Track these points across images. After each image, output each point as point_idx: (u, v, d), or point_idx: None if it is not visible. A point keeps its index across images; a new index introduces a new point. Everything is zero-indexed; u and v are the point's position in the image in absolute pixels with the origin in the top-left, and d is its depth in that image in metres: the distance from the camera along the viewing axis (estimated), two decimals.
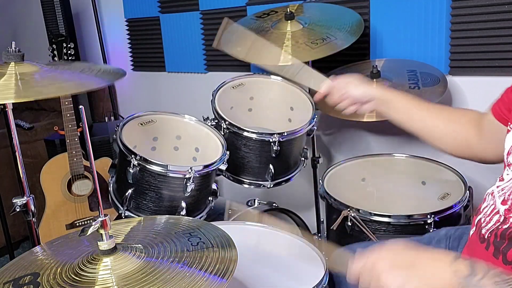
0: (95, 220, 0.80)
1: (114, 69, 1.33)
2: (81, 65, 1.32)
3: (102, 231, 0.80)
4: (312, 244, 1.28)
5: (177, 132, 1.71)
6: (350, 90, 1.25)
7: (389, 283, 0.75)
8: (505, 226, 0.85)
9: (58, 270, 0.80)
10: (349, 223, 1.47)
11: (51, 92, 1.11)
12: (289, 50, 1.72)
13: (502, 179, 0.92)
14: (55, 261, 0.84)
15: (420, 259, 0.77)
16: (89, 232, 0.79)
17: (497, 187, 0.92)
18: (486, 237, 0.89)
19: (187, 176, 1.44)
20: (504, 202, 0.87)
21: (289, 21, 1.82)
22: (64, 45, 2.24)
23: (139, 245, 0.85)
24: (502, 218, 0.86)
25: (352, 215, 1.45)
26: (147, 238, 0.89)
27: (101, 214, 0.81)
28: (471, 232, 0.96)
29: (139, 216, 1.53)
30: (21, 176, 1.36)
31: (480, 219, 0.92)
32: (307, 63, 1.92)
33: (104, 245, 0.81)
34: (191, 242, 0.86)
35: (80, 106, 0.80)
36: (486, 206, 0.92)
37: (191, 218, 1.07)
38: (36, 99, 1.06)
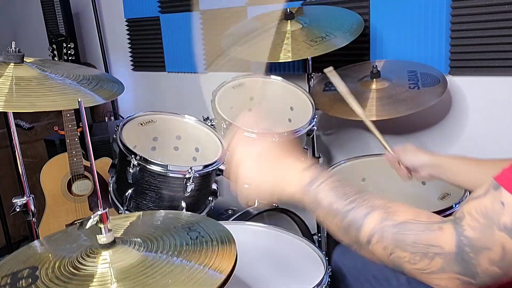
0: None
1: (112, 82, 1.30)
2: (81, 72, 1.29)
3: (101, 225, 0.80)
4: (312, 244, 1.28)
5: (177, 132, 1.71)
6: (402, 159, 1.30)
7: (244, 176, 0.84)
8: None
9: (57, 264, 0.80)
10: None
11: (44, 105, 1.08)
12: (289, 49, 1.73)
13: None
14: (54, 255, 0.84)
15: (280, 164, 0.83)
16: (88, 226, 0.79)
17: None
18: None
19: (187, 176, 1.44)
20: None
21: (289, 20, 1.83)
22: (64, 45, 2.25)
23: (138, 239, 0.85)
24: None
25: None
26: (146, 233, 0.89)
27: (100, 208, 0.81)
28: None
29: None
30: (21, 176, 1.37)
31: None
32: (307, 63, 1.94)
33: (103, 238, 0.80)
34: (190, 236, 0.86)
35: (79, 99, 0.80)
36: None
37: (190, 213, 1.07)
38: (27, 112, 1.04)
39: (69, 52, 2.26)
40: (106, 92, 1.24)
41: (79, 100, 0.77)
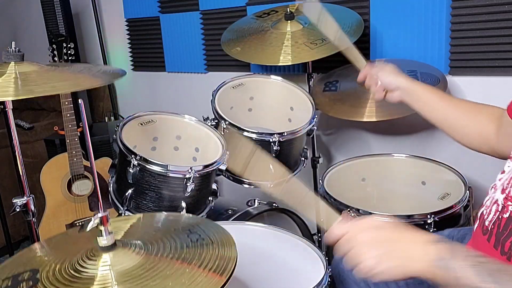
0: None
1: (113, 69, 1.32)
2: (82, 66, 1.32)
3: (101, 227, 0.80)
4: (312, 244, 1.28)
5: (177, 132, 1.71)
6: (380, 77, 1.31)
7: (366, 258, 0.77)
8: (505, 215, 0.86)
9: (57, 266, 0.80)
10: None
11: (48, 90, 1.11)
12: (289, 51, 1.73)
13: (503, 172, 0.94)
14: (54, 258, 0.84)
15: (401, 240, 0.78)
16: (88, 228, 0.79)
17: (499, 180, 0.94)
18: (489, 228, 0.90)
19: (187, 176, 1.44)
20: (503, 191, 0.89)
21: (289, 21, 1.83)
22: (64, 45, 2.25)
23: (139, 242, 0.85)
24: (500, 207, 0.88)
25: (352, 215, 1.45)
26: (146, 235, 0.89)
27: (101, 210, 0.81)
28: (475, 226, 0.98)
29: None
30: (21, 176, 1.37)
31: (483, 212, 0.94)
32: (307, 63, 1.94)
33: (103, 241, 0.80)
34: (190, 239, 0.86)
35: (80, 101, 0.80)
36: (488, 199, 0.94)
37: (190, 215, 1.07)
38: (35, 96, 1.07)
39: (69, 52, 2.26)
40: (107, 75, 1.26)
41: (80, 102, 0.77)
